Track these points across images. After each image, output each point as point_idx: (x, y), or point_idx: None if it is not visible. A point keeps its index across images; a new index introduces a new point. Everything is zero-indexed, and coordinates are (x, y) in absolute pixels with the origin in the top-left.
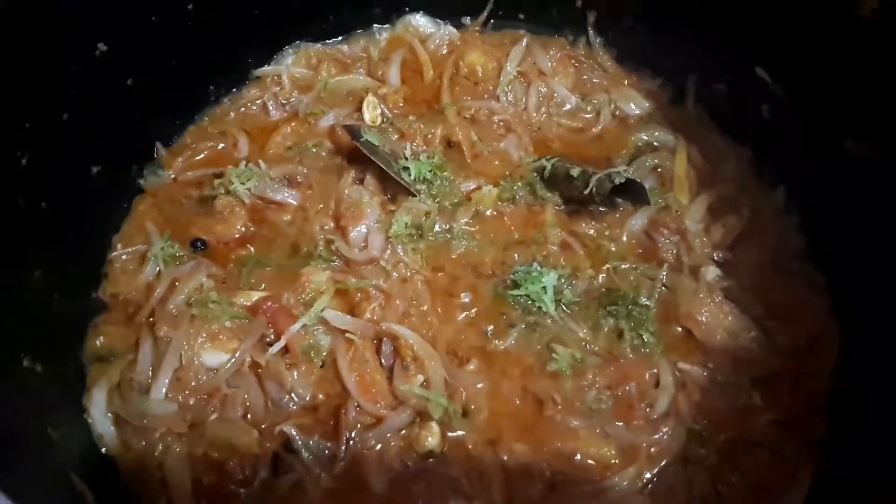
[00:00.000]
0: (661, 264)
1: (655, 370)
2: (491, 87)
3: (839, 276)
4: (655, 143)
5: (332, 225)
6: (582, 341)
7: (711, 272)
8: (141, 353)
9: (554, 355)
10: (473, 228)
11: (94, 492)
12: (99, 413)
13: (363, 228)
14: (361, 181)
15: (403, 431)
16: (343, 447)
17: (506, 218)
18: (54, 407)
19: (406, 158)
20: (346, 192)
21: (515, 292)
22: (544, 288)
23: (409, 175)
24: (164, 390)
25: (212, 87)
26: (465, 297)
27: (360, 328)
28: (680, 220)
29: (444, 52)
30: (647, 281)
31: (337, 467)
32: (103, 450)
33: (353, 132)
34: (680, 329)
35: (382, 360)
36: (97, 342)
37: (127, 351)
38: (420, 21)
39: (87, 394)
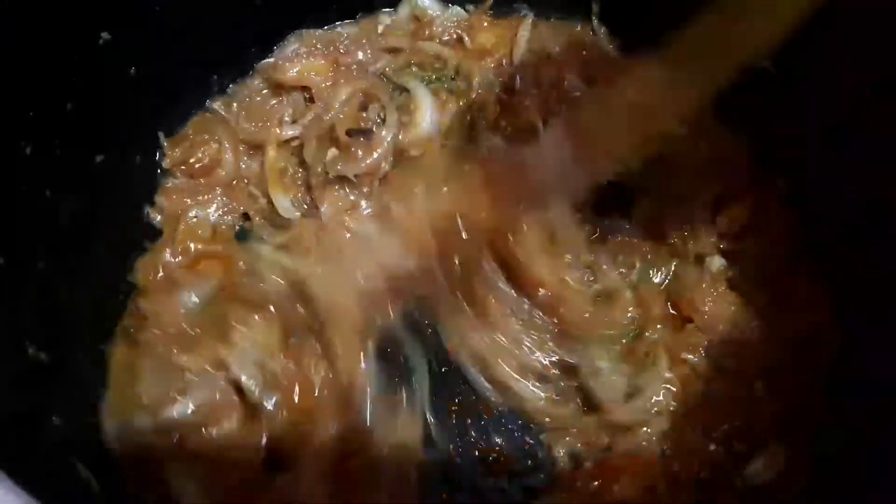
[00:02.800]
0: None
1: None
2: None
3: (839, 267)
4: None
5: None
6: None
7: (717, 262)
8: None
9: None
10: None
11: (98, 480)
12: (103, 403)
13: None
14: None
15: None
16: (340, 443)
17: None
18: (59, 396)
19: None
20: None
21: None
22: None
23: None
24: None
25: (215, 77)
26: None
27: None
28: None
29: (454, 36)
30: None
31: (337, 465)
32: (107, 440)
33: None
34: (683, 318)
35: None
36: (102, 333)
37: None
38: (426, 3)
39: (92, 384)
